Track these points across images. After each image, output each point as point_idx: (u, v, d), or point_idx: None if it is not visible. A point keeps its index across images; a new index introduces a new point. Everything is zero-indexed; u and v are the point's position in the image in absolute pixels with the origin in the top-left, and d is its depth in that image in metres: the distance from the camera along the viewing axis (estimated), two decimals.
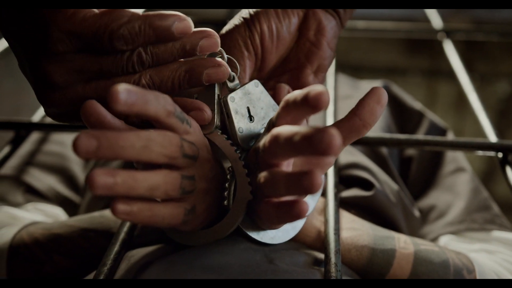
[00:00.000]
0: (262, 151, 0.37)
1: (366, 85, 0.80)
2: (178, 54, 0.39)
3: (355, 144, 0.57)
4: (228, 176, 0.41)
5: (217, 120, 0.41)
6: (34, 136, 0.70)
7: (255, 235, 0.41)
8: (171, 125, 0.36)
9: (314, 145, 0.30)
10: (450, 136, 0.74)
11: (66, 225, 0.51)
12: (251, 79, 0.43)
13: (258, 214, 0.39)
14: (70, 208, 0.64)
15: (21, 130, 0.61)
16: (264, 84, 0.46)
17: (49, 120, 0.67)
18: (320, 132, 0.30)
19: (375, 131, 0.66)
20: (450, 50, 0.81)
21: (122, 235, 0.44)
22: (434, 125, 0.74)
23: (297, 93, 0.34)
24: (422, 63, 1.59)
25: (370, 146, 0.64)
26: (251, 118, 0.42)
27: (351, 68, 1.44)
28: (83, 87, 0.38)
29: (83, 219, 0.51)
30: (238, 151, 0.41)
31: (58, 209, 0.63)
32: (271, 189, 0.36)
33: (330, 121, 0.58)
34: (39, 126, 0.62)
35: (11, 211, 0.58)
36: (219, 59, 0.40)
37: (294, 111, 0.35)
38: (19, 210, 0.59)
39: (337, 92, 0.67)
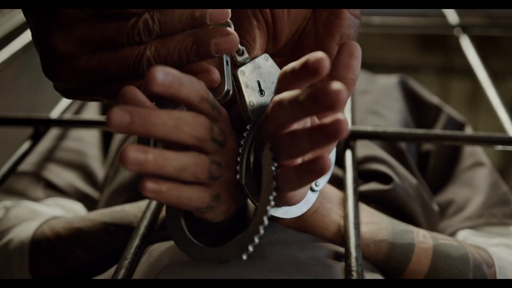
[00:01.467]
0: (266, 121, 0.36)
1: (382, 80, 0.79)
2: (187, 22, 0.37)
3: (373, 138, 0.57)
4: (240, 150, 0.40)
5: (227, 84, 0.40)
6: (53, 133, 0.70)
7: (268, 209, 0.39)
8: (203, 110, 0.36)
9: (320, 100, 0.30)
10: (469, 131, 0.73)
11: (87, 219, 0.51)
12: (266, 50, 0.42)
13: (278, 185, 0.37)
14: (89, 203, 0.65)
15: (40, 126, 0.61)
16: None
17: (67, 116, 0.68)
18: (325, 88, 0.30)
19: (393, 126, 0.66)
20: (467, 46, 0.80)
21: (142, 230, 0.44)
22: (452, 119, 0.73)
23: (295, 63, 0.33)
24: (435, 60, 1.58)
25: (388, 141, 0.63)
26: (261, 92, 0.41)
27: (364, 65, 1.43)
28: (88, 59, 0.37)
29: (104, 214, 0.51)
30: (249, 127, 0.40)
31: (78, 204, 0.64)
32: (291, 149, 0.34)
33: (347, 116, 0.58)
34: (58, 122, 0.62)
35: (32, 206, 0.59)
36: (228, 28, 0.38)
37: (293, 80, 0.34)
38: (39, 205, 0.60)
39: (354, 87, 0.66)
